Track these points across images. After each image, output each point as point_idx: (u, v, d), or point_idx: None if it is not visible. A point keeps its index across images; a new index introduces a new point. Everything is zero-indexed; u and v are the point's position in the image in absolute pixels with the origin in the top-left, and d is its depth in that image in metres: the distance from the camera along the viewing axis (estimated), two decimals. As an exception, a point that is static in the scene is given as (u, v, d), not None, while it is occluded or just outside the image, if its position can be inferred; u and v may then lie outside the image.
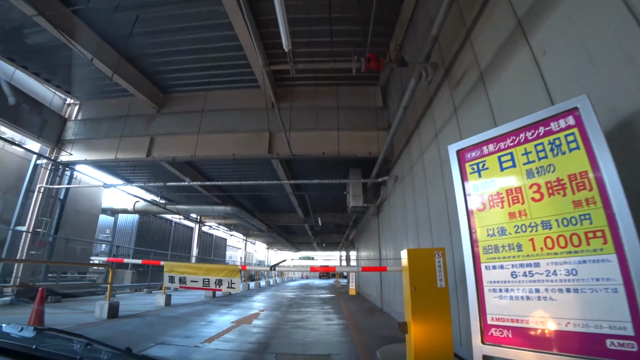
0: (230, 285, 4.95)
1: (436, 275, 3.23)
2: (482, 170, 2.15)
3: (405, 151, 7.17)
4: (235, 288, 4.93)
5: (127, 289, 14.82)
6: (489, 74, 3.55)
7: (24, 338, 1.23)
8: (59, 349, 1.19)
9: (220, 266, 5.24)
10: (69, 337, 1.32)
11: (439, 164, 5.00)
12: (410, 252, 3.36)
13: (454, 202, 4.58)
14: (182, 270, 5.25)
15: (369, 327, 6.78)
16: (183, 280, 5.17)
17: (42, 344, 1.16)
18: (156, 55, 8.37)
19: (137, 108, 10.05)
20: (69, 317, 7.17)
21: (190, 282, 5.16)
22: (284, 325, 6.85)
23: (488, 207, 2.06)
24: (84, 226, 13.90)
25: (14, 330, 1.27)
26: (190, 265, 5.26)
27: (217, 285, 5.04)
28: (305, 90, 9.58)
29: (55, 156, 10.50)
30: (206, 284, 5.06)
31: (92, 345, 1.21)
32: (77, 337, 1.30)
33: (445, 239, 4.65)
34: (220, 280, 5.04)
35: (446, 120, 4.74)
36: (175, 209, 15.05)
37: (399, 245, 7.58)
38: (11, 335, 1.23)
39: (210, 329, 6.20)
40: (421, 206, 5.92)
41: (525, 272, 1.80)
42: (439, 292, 3.18)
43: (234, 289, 4.92)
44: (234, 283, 4.95)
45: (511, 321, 1.81)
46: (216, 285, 5.03)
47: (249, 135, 9.18)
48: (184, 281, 5.17)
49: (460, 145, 2.30)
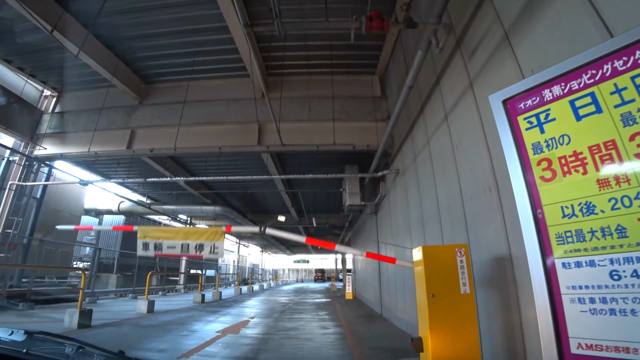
0: (213, 251, 4.22)
1: (459, 278, 2.56)
2: (545, 122, 1.48)
3: (407, 141, 6.52)
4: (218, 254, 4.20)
5: (111, 294, 13.97)
6: (517, 30, 2.90)
7: (14, 342, 1.20)
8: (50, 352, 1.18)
9: (201, 229, 4.46)
10: (61, 340, 1.30)
11: (450, 148, 4.34)
12: (427, 250, 2.69)
13: (470, 188, 3.92)
14: (158, 235, 4.43)
15: (369, 336, 6.08)
16: (159, 246, 4.35)
17: (32, 347, 1.15)
18: (134, 39, 7.68)
19: (118, 99, 9.30)
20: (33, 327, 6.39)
21: (167, 248, 4.35)
22: (275, 335, 6.15)
23: (560, 174, 1.38)
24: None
25: (3, 334, 1.25)
26: (167, 229, 4.50)
27: (198, 250, 4.28)
28: (298, 80, 8.92)
29: (29, 151, 9.72)
30: (185, 250, 4.31)
31: (84, 349, 1.22)
32: (69, 340, 1.28)
33: (459, 234, 3.98)
34: (202, 244, 4.28)
35: (459, 98, 4.09)
36: (162, 209, 14.25)
37: (402, 246, 6.91)
38: (1, 339, 1.21)
39: (191, 340, 5.48)
40: (428, 199, 5.25)
41: (636, 270, 1.13)
42: (463, 300, 2.51)
43: (216, 255, 4.19)
44: (217, 248, 4.22)
45: (616, 350, 1.13)
46: (197, 251, 4.28)
47: (237, 127, 8.49)
48: (160, 247, 4.36)
49: (507, 93, 1.63)
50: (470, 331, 2.44)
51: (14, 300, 8.73)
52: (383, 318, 8.66)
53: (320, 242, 4.39)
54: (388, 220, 8.24)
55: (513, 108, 1.60)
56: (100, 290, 12.70)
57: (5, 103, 8.77)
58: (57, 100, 10.30)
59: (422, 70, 4.75)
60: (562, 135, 1.41)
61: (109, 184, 10.73)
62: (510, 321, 2.81)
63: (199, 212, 14.58)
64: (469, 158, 3.79)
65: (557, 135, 1.43)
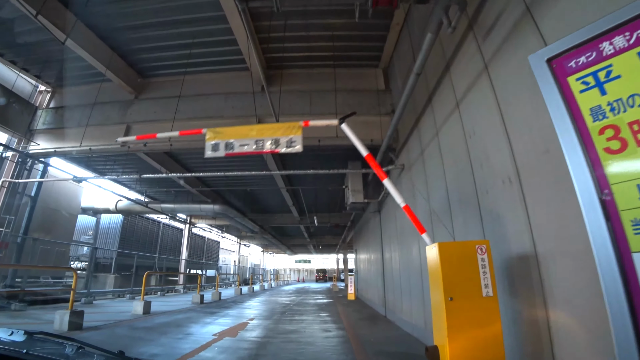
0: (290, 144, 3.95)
1: (480, 279, 2.24)
2: (606, 81, 1.17)
3: (413, 135, 6.20)
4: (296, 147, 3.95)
5: (109, 295, 13.70)
6: (541, 2, 2.59)
7: (14, 342, 1.18)
8: (50, 352, 1.16)
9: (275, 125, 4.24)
10: (61, 340, 1.30)
11: (462, 138, 4.02)
12: (444, 247, 2.37)
13: (486, 180, 3.55)
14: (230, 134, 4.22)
15: (374, 340, 5.77)
16: (230, 145, 4.12)
17: (32, 348, 1.12)
18: (128, 30, 7.39)
19: (113, 94, 9.02)
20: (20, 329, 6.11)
21: (240, 146, 4.12)
22: (274, 338, 5.85)
23: (633, 143, 1.07)
24: (60, 226, 12.80)
25: (3, 334, 1.23)
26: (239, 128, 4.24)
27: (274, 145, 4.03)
28: (298, 73, 8.61)
29: (23, 147, 9.45)
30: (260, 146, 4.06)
31: (84, 349, 1.20)
32: (69, 340, 1.27)
33: (473, 230, 3.67)
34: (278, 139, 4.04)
35: (472, 83, 3.78)
36: (160, 207, 13.94)
37: (408, 244, 6.59)
38: (1, 339, 1.20)
39: (185, 344, 5.20)
40: (437, 195, 4.94)
41: None
42: (486, 305, 2.19)
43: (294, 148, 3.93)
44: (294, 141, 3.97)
45: None
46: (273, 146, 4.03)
47: (235, 121, 8.19)
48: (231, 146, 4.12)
49: (552, 50, 1.31)
50: (493, 340, 2.12)
51: (7, 300, 8.46)
52: (387, 320, 8.33)
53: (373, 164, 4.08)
54: (393, 217, 7.92)
55: (561, 68, 1.29)
56: (97, 291, 12.42)
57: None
58: (52, 95, 10.02)
59: (430, 58, 4.44)
60: (631, 95, 1.10)
61: (104, 180, 10.43)
62: (536, 326, 2.50)
63: (197, 210, 14.26)
64: (485, 147, 3.47)
65: (624, 96, 1.12)
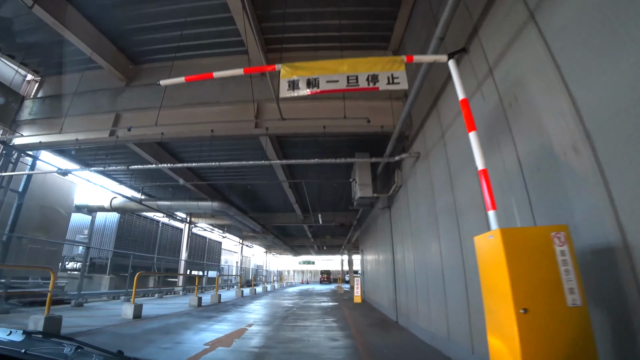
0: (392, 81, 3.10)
1: (562, 280, 1.52)
2: None
3: (432, 116, 5.47)
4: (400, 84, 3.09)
5: (104, 297, 13.05)
6: None
7: (13, 342, 1.17)
8: (48, 352, 1.15)
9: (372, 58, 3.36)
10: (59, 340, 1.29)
11: (499, 110, 3.30)
12: (509, 236, 1.63)
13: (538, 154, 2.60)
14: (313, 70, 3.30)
15: (387, 351, 5.03)
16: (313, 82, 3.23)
17: (31, 347, 1.11)
18: (115, 8, 6.75)
19: (104, 82, 8.44)
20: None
21: (326, 83, 3.23)
22: (274, 348, 5.13)
23: None
24: (52, 225, 12.18)
25: (2, 334, 1.22)
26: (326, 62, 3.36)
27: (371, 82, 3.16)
28: (303, 56, 7.88)
29: (8, 138, 8.84)
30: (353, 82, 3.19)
31: (83, 349, 1.19)
32: (67, 340, 1.25)
33: (518, 219, 2.93)
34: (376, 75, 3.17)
35: (511, 40, 3.06)
36: (156, 205, 13.27)
37: (425, 242, 5.86)
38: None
39: (170, 356, 4.52)
40: (463, 182, 4.21)
41: None
42: (574, 318, 1.46)
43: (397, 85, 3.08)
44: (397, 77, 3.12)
45: None
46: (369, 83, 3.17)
47: (232, 107, 7.53)
48: (315, 83, 3.24)
49: None
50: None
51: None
52: (400, 326, 7.57)
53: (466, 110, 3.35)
54: (406, 213, 7.17)
55: None
56: (89, 292, 11.76)
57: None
58: (40, 85, 9.43)
59: (453, 23, 3.77)
60: None
61: (90, 172, 9.79)
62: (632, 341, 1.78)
63: (195, 208, 13.58)
64: (534, 114, 2.75)
65: None
